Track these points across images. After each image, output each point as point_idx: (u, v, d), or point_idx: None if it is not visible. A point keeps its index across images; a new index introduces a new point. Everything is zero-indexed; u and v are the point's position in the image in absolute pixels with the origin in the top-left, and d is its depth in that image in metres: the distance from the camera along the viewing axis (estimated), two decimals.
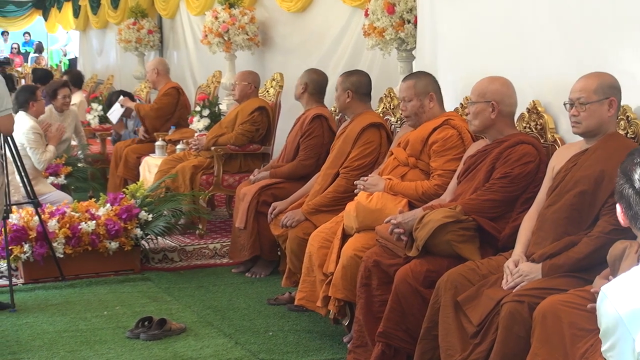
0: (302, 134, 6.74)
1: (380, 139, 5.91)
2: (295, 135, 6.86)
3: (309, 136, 6.70)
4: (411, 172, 5.21)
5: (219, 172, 7.86)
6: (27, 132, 8.23)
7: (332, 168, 6.00)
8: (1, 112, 5.82)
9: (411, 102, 5.25)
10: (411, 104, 5.25)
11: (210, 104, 8.92)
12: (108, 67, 16.08)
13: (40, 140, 8.33)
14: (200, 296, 6.38)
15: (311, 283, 5.36)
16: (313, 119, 6.69)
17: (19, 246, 6.57)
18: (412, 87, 5.26)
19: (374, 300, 4.66)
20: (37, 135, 8.29)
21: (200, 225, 7.89)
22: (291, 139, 6.91)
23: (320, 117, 6.70)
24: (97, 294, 6.44)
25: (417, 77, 5.31)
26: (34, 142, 8.24)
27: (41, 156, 8.27)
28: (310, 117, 6.70)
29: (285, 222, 5.94)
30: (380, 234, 4.75)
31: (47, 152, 8.35)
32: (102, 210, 6.96)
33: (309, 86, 6.81)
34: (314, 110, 6.75)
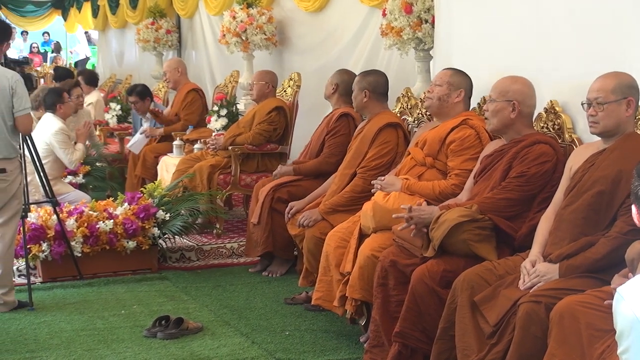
0: (328, 132, 6.74)
1: (398, 139, 5.91)
2: (320, 132, 6.86)
3: (335, 134, 6.71)
4: (428, 171, 5.20)
5: (237, 171, 7.88)
6: (56, 133, 8.31)
7: (350, 168, 6.00)
8: (20, 112, 5.87)
9: (440, 87, 5.23)
10: (439, 88, 5.23)
11: (228, 103, 8.94)
12: (127, 66, 16.12)
13: (69, 140, 8.42)
14: (217, 295, 6.39)
15: (328, 283, 5.36)
16: (339, 117, 6.69)
17: (38, 245, 6.60)
18: (447, 75, 5.26)
19: (390, 300, 4.65)
20: (65, 136, 8.38)
21: (218, 224, 7.90)
22: (316, 136, 6.92)
23: (347, 116, 6.70)
24: (115, 292, 6.47)
25: (456, 71, 5.31)
26: (63, 143, 8.32)
27: (72, 156, 8.35)
28: (336, 116, 6.70)
29: (302, 221, 5.94)
30: (397, 233, 4.74)
31: (77, 151, 8.42)
32: (119, 210, 6.99)
33: (340, 87, 6.80)
34: (341, 110, 6.76)
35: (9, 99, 5.82)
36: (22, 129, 5.95)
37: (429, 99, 5.30)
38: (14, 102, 5.83)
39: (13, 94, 5.82)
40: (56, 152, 8.33)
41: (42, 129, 8.44)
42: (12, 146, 5.90)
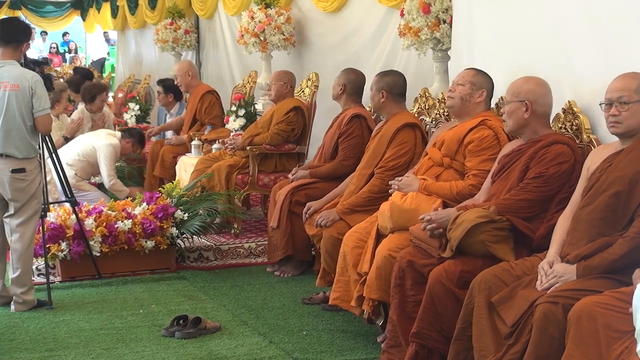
0: (341, 134, 6.74)
1: (415, 139, 5.90)
2: (333, 135, 6.85)
3: (349, 136, 6.70)
4: (446, 172, 5.20)
5: (254, 171, 7.89)
6: (108, 146, 8.58)
7: (367, 168, 6.00)
8: (39, 112, 5.90)
9: (462, 87, 5.22)
10: (462, 88, 5.22)
11: (246, 103, 8.95)
12: (145, 66, 16.17)
13: (115, 158, 8.64)
14: (235, 295, 6.41)
15: (345, 283, 5.37)
16: (351, 119, 6.69)
17: (57, 244, 6.64)
18: (470, 75, 5.25)
19: (407, 300, 4.65)
20: (114, 154, 8.73)
21: (236, 224, 7.92)
22: (329, 139, 6.91)
23: (359, 117, 6.70)
24: (133, 292, 6.50)
25: (479, 71, 5.29)
26: (109, 160, 8.63)
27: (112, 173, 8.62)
28: (348, 117, 6.70)
29: (319, 221, 5.95)
30: (414, 234, 4.75)
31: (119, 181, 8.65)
32: (138, 209, 7.01)
33: (347, 86, 6.82)
34: (352, 110, 6.75)
35: (29, 99, 5.86)
36: (41, 129, 5.98)
37: (450, 98, 5.29)
38: (33, 102, 5.87)
39: (33, 95, 5.86)
40: (99, 162, 8.49)
41: (98, 135, 8.63)
42: (31, 146, 5.94)
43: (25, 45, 6.03)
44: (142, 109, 11.81)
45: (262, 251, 7.50)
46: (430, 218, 4.56)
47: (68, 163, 8.43)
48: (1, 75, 5.90)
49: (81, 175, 8.57)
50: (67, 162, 8.42)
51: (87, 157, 8.59)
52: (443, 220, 4.51)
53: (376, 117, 6.67)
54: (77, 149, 8.68)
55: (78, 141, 8.93)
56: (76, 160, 8.57)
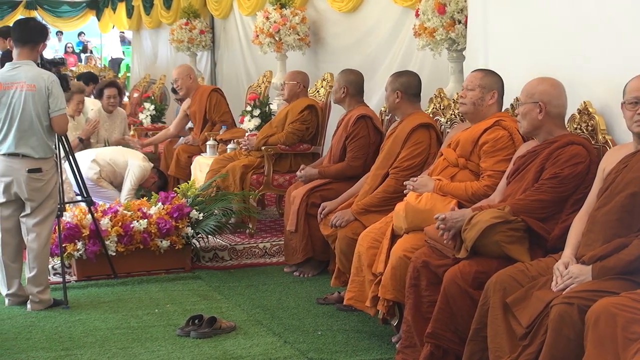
0: (348, 136, 6.75)
1: (430, 140, 5.90)
2: (340, 136, 6.86)
3: (355, 137, 6.71)
4: (461, 172, 5.20)
5: (269, 171, 7.90)
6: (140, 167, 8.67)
7: (382, 168, 6.00)
8: (56, 112, 5.93)
9: (473, 92, 5.22)
10: (472, 93, 5.22)
11: (261, 103, 8.96)
12: (160, 66, 16.21)
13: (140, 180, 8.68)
14: (250, 295, 6.42)
15: (360, 283, 5.37)
16: (357, 120, 6.70)
17: (73, 244, 6.66)
18: (478, 78, 5.24)
19: (422, 300, 4.66)
20: (143, 176, 8.74)
21: (251, 224, 7.93)
22: (336, 141, 6.92)
23: (365, 118, 6.70)
24: (149, 291, 6.52)
25: (487, 72, 5.29)
26: (137, 179, 8.67)
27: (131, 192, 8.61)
28: (354, 119, 6.71)
29: (334, 222, 5.96)
30: (429, 234, 4.75)
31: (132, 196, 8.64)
32: (153, 209, 7.03)
33: (349, 88, 6.83)
34: (357, 111, 6.76)
35: (45, 99, 5.89)
36: (57, 129, 6.01)
37: (462, 104, 5.29)
38: (49, 102, 5.89)
39: (49, 95, 5.88)
40: (125, 177, 8.56)
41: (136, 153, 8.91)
42: (47, 146, 5.96)
43: (41, 45, 6.06)
44: (157, 109, 11.84)
45: (277, 251, 7.51)
46: (445, 217, 4.56)
47: (97, 161, 8.52)
48: (18, 76, 5.93)
49: (104, 177, 8.63)
50: (96, 159, 8.51)
51: (115, 165, 8.65)
52: (458, 221, 4.50)
53: (391, 117, 6.68)
54: (111, 155, 8.78)
55: (116, 149, 9.07)
56: (106, 162, 8.63)
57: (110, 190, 8.61)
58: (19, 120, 5.89)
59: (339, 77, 6.90)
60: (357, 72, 6.96)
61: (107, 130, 9.74)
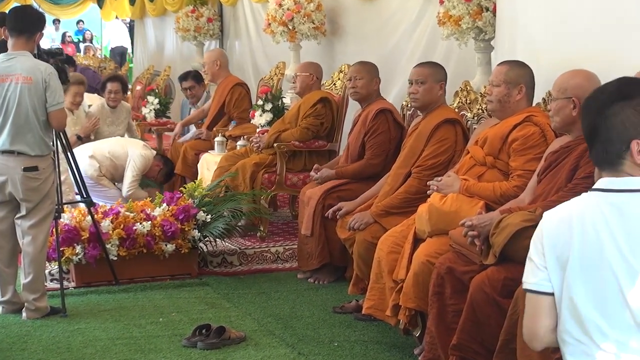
0: (366, 132, 6.75)
1: (456, 136, 5.90)
2: (358, 133, 6.86)
3: (374, 133, 6.71)
4: (489, 172, 5.19)
5: (282, 170, 7.91)
6: (141, 156, 8.64)
7: (404, 167, 6.00)
8: (53, 107, 5.94)
9: (498, 88, 5.21)
10: (498, 89, 5.21)
11: (273, 97, 8.97)
12: (165, 57, 16.25)
13: (142, 172, 8.69)
14: (261, 303, 6.43)
15: (380, 290, 5.38)
16: (377, 114, 6.70)
17: (71, 248, 6.68)
18: (503, 73, 5.23)
19: (447, 309, 4.65)
20: (146, 167, 8.75)
21: (262, 227, 7.94)
22: (354, 138, 6.92)
23: (384, 112, 6.71)
24: (152, 299, 6.54)
25: (512, 65, 5.28)
26: (139, 169, 8.68)
27: (133, 184, 8.65)
28: (373, 113, 6.70)
29: (352, 224, 5.96)
30: (454, 238, 4.74)
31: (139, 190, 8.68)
32: (158, 211, 7.05)
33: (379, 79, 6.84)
34: (375, 105, 6.76)
35: (42, 92, 5.90)
36: (55, 125, 6.03)
37: (489, 101, 5.29)
38: (47, 96, 5.91)
39: (46, 88, 5.90)
40: (126, 168, 8.57)
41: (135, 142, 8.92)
42: (45, 143, 5.98)
43: (38, 35, 6.07)
44: (161, 103, 11.83)
45: (290, 256, 7.52)
46: (472, 223, 4.54)
47: (95, 156, 8.53)
48: (13, 67, 5.95)
49: (104, 173, 8.65)
50: (94, 154, 8.52)
51: (115, 159, 8.67)
52: (486, 225, 4.50)
53: (413, 112, 6.67)
54: (109, 147, 8.79)
55: (113, 140, 9.10)
56: (105, 157, 8.65)
57: (111, 189, 8.65)
58: (14, 115, 5.91)
59: (363, 69, 6.89)
60: (371, 63, 6.99)
61: (109, 125, 9.76)
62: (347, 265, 6.77)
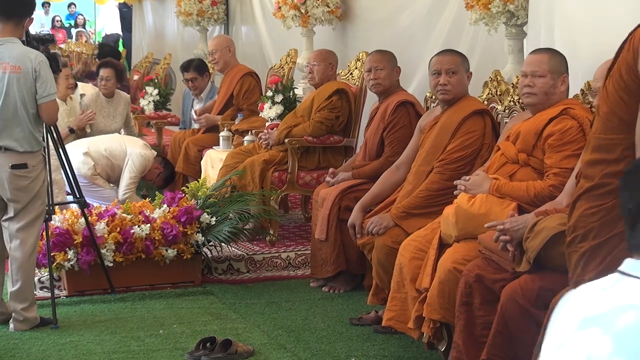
0: (386, 127, 6.74)
1: (485, 128, 5.88)
2: (376, 128, 6.85)
3: (394, 128, 6.71)
4: (521, 170, 5.18)
5: (294, 168, 7.91)
6: (143, 157, 8.66)
7: (426, 165, 5.97)
8: (44, 98, 5.94)
9: (543, 79, 5.17)
10: (543, 80, 5.18)
11: (284, 88, 8.96)
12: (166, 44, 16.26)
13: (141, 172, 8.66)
14: (271, 314, 6.44)
15: (401, 300, 5.38)
16: (397, 107, 6.70)
17: (63, 253, 6.69)
18: (546, 62, 5.20)
19: (475, 322, 4.65)
20: (145, 167, 8.70)
21: (272, 230, 7.95)
22: (372, 134, 6.91)
23: (405, 104, 6.71)
24: (152, 309, 6.55)
25: (552, 53, 5.25)
26: (138, 169, 8.67)
27: (131, 186, 8.64)
28: (393, 106, 6.70)
29: (370, 228, 5.95)
30: (483, 243, 4.73)
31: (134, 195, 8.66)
32: (157, 212, 7.06)
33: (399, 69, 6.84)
34: (395, 97, 6.76)
35: (32, 83, 5.91)
36: (46, 118, 6.03)
37: (532, 94, 5.21)
38: (37, 86, 5.92)
39: (36, 78, 5.90)
40: (124, 168, 8.56)
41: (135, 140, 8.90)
42: (34, 138, 5.98)
43: (27, 20, 6.08)
44: (161, 94, 11.84)
45: (302, 262, 7.53)
46: (504, 227, 4.53)
47: (90, 153, 8.53)
48: (0, 55, 5.95)
49: (100, 172, 8.63)
50: (88, 151, 8.52)
51: (113, 157, 8.65)
52: (519, 229, 4.48)
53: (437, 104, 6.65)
54: (106, 144, 8.78)
55: (111, 137, 9.08)
56: (101, 154, 8.65)
57: (107, 189, 8.65)
58: (1, 108, 5.91)
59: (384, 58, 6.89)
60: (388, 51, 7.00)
61: (105, 117, 9.73)
62: (365, 272, 6.76)
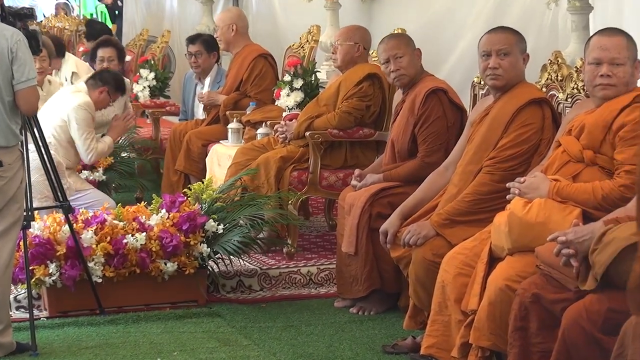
0: (416, 121, 6.73)
1: (543, 120, 5.86)
2: (405, 124, 6.84)
3: (427, 121, 6.71)
4: (587, 170, 5.17)
5: (316, 167, 7.91)
6: (78, 107, 8.36)
7: (474, 164, 5.97)
8: (22, 84, 5.93)
9: (623, 68, 5.16)
10: (623, 70, 5.16)
11: (305, 71, 8.97)
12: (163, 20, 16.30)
13: (92, 123, 8.44)
14: (289, 339, 6.45)
15: (444, 324, 5.39)
16: (427, 96, 6.69)
17: (43, 266, 6.70)
18: (624, 47, 5.18)
19: (532, 349, 4.66)
20: (89, 115, 8.40)
21: (290, 240, 7.95)
22: (400, 131, 6.88)
23: (437, 92, 6.71)
24: (148, 333, 6.57)
25: (626, 36, 5.24)
26: (83, 122, 8.35)
27: (91, 143, 8.39)
28: (422, 96, 6.69)
29: (407, 238, 5.94)
30: (542, 257, 4.73)
31: (100, 142, 8.46)
32: (155, 219, 7.06)
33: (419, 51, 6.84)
34: (423, 85, 6.75)
35: (8, 66, 5.90)
36: (24, 108, 6.03)
37: (611, 86, 5.18)
38: (13, 70, 5.91)
39: (13, 60, 5.90)
40: (71, 133, 8.37)
41: (61, 100, 8.54)
42: (10, 131, 5.97)
43: None
44: (158, 78, 11.84)
45: (326, 278, 7.55)
46: (567, 238, 4.52)
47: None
48: None
49: (72, 164, 8.47)
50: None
51: (65, 133, 8.41)
52: (584, 240, 4.48)
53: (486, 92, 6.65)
54: (50, 124, 8.34)
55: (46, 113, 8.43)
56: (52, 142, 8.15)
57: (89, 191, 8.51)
58: None
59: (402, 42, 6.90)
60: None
61: None
62: (400, 291, 6.77)
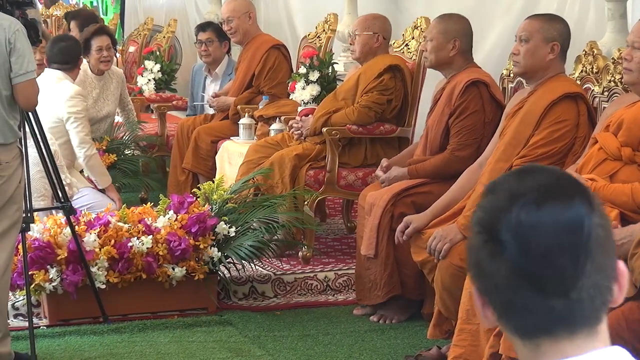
0: (452, 112, 6.73)
1: (578, 117, 5.87)
2: (440, 114, 6.84)
3: (463, 113, 6.70)
4: (625, 169, 5.18)
5: (334, 165, 7.91)
6: (71, 98, 8.36)
7: (504, 161, 5.98)
8: (20, 77, 5.93)
9: None
10: None
11: (321, 63, 8.97)
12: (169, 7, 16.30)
13: (86, 112, 8.44)
14: (306, 350, 6.46)
15: (472, 334, 5.39)
16: (466, 88, 6.68)
17: (43, 271, 6.71)
18: None
19: None
20: (83, 104, 8.42)
21: (306, 243, 7.95)
22: (435, 121, 6.89)
23: (477, 84, 6.70)
24: (154, 343, 6.58)
25: None
26: (79, 114, 8.38)
27: (87, 136, 8.44)
28: (462, 86, 6.69)
29: (433, 244, 5.94)
30: None
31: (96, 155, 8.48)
32: (162, 221, 7.07)
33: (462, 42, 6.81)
34: (465, 75, 6.74)
35: (5, 57, 5.90)
36: (23, 103, 6.04)
37: (628, 70, 5.23)
38: (11, 62, 5.92)
39: (11, 51, 5.90)
40: (69, 129, 8.38)
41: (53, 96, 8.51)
42: (8, 127, 5.97)
43: None
44: (164, 70, 11.85)
45: (344, 284, 7.55)
46: None
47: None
48: None
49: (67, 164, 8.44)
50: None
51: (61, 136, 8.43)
52: (622, 244, 4.49)
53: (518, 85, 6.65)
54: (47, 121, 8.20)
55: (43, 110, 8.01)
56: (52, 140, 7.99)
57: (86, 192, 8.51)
58: None
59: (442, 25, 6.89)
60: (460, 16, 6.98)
61: (96, 100, 9.66)
62: (424, 298, 6.78)
